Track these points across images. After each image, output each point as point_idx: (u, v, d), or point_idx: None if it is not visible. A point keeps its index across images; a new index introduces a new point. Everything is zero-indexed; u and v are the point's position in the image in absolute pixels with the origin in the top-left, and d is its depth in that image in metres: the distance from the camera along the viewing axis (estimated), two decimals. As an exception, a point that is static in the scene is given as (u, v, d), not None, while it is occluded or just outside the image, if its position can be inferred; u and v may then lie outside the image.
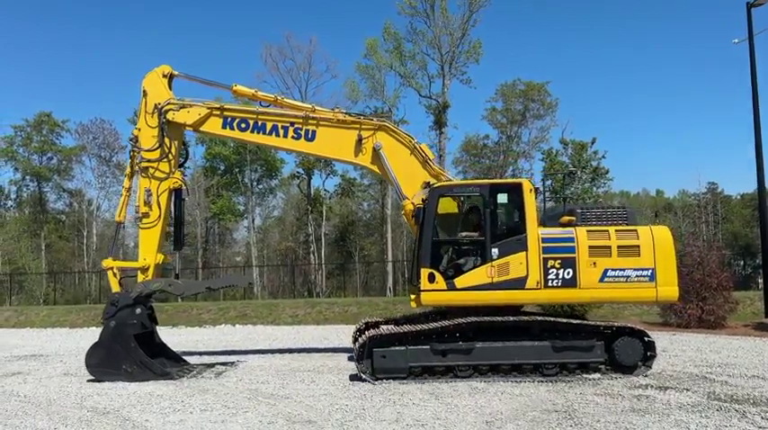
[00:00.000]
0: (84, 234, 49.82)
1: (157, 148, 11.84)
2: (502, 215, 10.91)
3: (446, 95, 39.46)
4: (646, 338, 10.09)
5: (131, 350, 10.80)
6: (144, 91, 12.05)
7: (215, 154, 47.50)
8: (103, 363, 10.86)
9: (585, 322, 10.33)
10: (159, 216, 11.83)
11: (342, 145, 11.85)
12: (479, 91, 66.97)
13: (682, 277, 13.14)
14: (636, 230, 10.29)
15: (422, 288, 10.27)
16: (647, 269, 10.06)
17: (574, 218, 10.57)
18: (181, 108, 11.92)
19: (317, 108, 12.08)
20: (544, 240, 10.17)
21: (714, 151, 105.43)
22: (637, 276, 10.07)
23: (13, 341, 19.94)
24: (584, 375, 9.96)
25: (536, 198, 10.90)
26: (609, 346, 10.04)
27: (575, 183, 41.55)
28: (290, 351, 14.70)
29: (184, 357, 12.58)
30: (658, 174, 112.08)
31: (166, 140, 11.87)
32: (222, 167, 49.45)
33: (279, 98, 12.36)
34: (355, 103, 44.54)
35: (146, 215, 11.82)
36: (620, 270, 10.06)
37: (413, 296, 10.90)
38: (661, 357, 11.53)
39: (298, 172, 48.43)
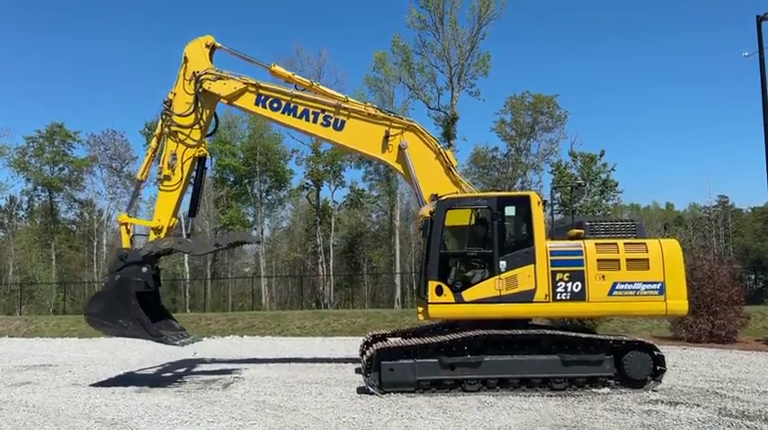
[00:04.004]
0: (95, 244, 50.08)
1: (189, 115, 12.06)
2: (510, 228, 10.90)
3: (455, 107, 39.56)
4: (655, 352, 10.03)
5: (131, 306, 10.91)
6: (185, 57, 12.29)
7: (225, 165, 47.71)
8: (102, 314, 11.08)
9: (594, 336, 10.26)
10: (180, 180, 12.07)
11: (369, 139, 11.90)
12: (488, 103, 66.91)
13: (692, 291, 13.05)
14: (645, 243, 10.26)
15: (430, 300, 10.25)
16: (657, 282, 10.01)
17: (582, 231, 10.55)
18: (218, 79, 12.13)
19: (349, 99, 12.17)
20: (552, 253, 10.15)
21: (725, 164, 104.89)
22: (646, 290, 10.02)
23: (22, 351, 20.02)
24: (594, 389, 9.90)
25: (544, 210, 10.88)
26: (618, 360, 9.99)
27: (583, 196, 41.43)
28: (300, 360, 14.67)
29: (194, 370, 12.61)
30: (668, 187, 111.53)
31: (199, 109, 12.07)
32: (232, 178, 49.65)
33: (314, 84, 12.46)
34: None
35: (167, 178, 12.05)
36: (630, 283, 10.02)
37: (420, 309, 10.88)
38: (671, 372, 11.44)
39: (307, 183, 48.60)
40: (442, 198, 10.84)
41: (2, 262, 47.85)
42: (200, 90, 12.03)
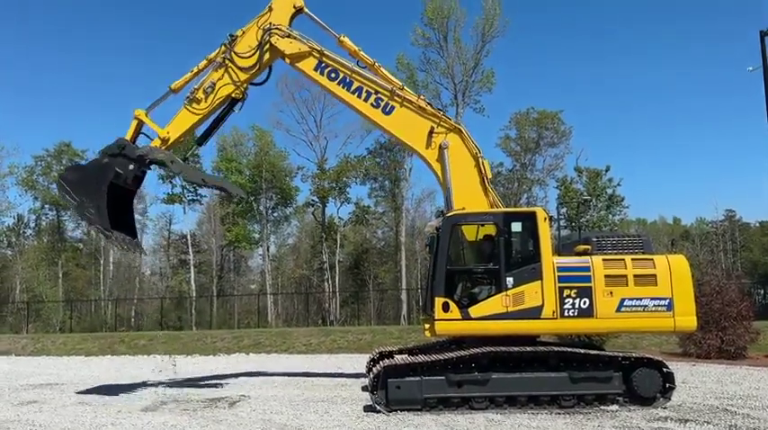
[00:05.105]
0: (101, 262, 50.25)
1: (246, 58, 12.43)
2: (516, 244, 10.85)
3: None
4: (664, 369, 9.92)
5: (99, 191, 11.20)
6: (270, 7, 12.65)
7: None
8: (73, 185, 11.38)
9: (603, 352, 10.18)
10: (207, 108, 12.45)
11: (413, 130, 11.92)
12: (493, 119, 67.17)
13: (700, 306, 12.95)
14: (652, 259, 10.22)
15: (436, 317, 10.20)
16: (665, 298, 9.95)
17: (589, 246, 10.51)
18: (286, 37, 12.42)
19: (405, 88, 12.28)
20: (559, 269, 10.11)
21: (731, 178, 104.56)
22: (654, 306, 9.95)
23: (29, 369, 20.02)
24: (602, 407, 9.79)
25: (551, 226, 10.85)
26: (627, 377, 9.88)
27: (590, 211, 41.37)
28: (307, 377, 14.60)
29: (200, 388, 12.55)
30: (675, 201, 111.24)
31: (258, 56, 12.40)
32: (238, 195, 49.86)
33: (376, 65, 12.57)
34: (369, 132, 44.99)
35: (197, 101, 12.44)
36: (637, 299, 9.96)
37: (427, 325, 10.82)
38: (680, 389, 11.32)
39: (312, 200, 48.72)
40: (449, 214, 10.85)
41: (9, 280, 48.03)
42: (267, 42, 12.36)
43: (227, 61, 12.46)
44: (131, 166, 11.74)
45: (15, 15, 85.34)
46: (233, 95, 12.61)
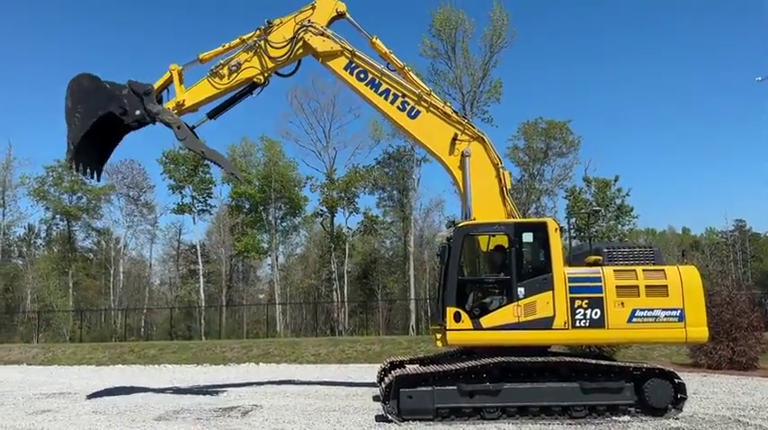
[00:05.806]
0: (111, 272, 50.46)
1: (277, 48, 12.69)
2: (527, 254, 10.91)
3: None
4: (676, 380, 9.94)
5: (93, 114, 11.76)
6: (313, 5, 12.86)
7: (240, 193, 48.21)
8: (80, 91, 12.01)
9: (614, 363, 10.20)
10: (226, 85, 12.78)
11: (437, 136, 12.04)
12: (501, 129, 67.05)
13: (711, 317, 12.93)
14: (663, 270, 10.24)
15: (448, 327, 10.25)
16: (676, 309, 9.97)
17: (600, 257, 10.55)
18: (319, 35, 12.59)
19: (432, 94, 12.42)
20: (571, 280, 10.15)
21: (741, 188, 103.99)
22: (665, 316, 9.98)
23: (41, 378, 20.16)
24: (614, 417, 9.80)
25: (561, 237, 10.89)
26: (638, 388, 9.90)
27: (599, 221, 41.29)
28: (318, 387, 14.65)
29: (213, 397, 12.58)
30: (684, 211, 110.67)
31: (288, 48, 12.65)
32: (247, 206, 50.07)
33: (405, 68, 12.74)
34: (378, 142, 45.19)
35: (219, 76, 12.75)
36: (649, 310, 9.99)
37: (438, 335, 10.86)
38: (692, 399, 11.29)
39: (321, 210, 48.84)
40: (460, 224, 10.92)
41: (20, 290, 48.32)
42: (301, 38, 12.59)
43: (258, 46, 12.70)
44: (138, 112, 12.18)
45: (14, 16, 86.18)
46: (255, 80, 12.85)
